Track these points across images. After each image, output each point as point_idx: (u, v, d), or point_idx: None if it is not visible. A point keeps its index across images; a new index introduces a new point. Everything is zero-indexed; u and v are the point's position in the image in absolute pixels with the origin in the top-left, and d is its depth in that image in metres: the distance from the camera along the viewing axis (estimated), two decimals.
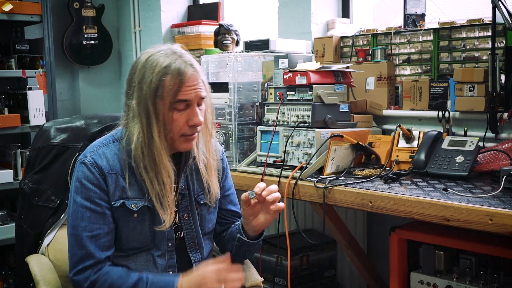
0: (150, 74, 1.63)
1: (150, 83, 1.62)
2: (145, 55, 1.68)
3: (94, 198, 1.66)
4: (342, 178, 2.23)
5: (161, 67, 1.63)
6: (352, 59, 2.93)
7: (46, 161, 2.08)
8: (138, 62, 1.68)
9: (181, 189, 1.77)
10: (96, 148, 1.71)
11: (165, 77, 1.62)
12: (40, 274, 1.88)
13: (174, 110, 1.64)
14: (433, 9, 2.82)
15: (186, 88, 1.64)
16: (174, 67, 1.63)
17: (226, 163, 1.96)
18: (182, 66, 1.64)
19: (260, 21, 3.83)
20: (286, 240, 2.30)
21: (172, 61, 1.64)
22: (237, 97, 2.64)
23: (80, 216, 1.65)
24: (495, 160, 2.22)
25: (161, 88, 1.62)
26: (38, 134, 2.15)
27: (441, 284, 2.15)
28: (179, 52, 1.68)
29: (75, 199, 1.67)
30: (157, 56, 1.66)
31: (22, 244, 2.12)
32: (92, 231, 1.64)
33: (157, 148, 1.64)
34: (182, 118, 1.66)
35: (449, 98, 2.52)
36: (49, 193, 2.06)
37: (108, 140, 1.74)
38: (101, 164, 1.67)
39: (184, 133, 1.67)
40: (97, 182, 1.66)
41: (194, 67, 1.66)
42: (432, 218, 1.84)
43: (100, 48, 4.22)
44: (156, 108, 1.63)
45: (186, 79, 1.63)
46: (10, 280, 3.55)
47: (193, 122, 1.66)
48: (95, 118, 2.15)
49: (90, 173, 1.67)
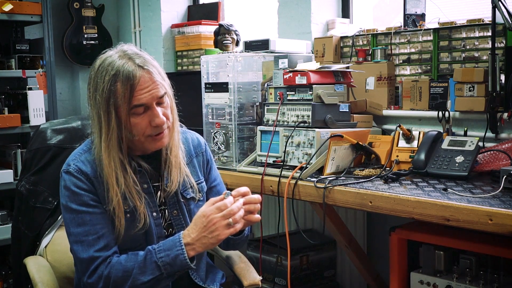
0: (101, 82, 1.61)
1: (103, 92, 1.61)
2: (98, 61, 1.66)
3: (89, 201, 1.65)
4: (342, 178, 2.23)
5: (110, 75, 1.60)
6: (352, 59, 2.93)
7: (43, 162, 2.08)
8: (92, 70, 1.67)
9: (165, 186, 1.77)
10: (78, 155, 1.71)
11: (115, 85, 1.60)
12: (38, 276, 1.87)
13: (133, 115, 1.63)
14: (433, 9, 2.82)
15: (139, 92, 1.61)
16: (123, 73, 1.60)
17: (210, 155, 1.94)
18: (131, 69, 1.60)
19: (260, 21, 3.83)
20: (286, 240, 2.29)
21: (121, 66, 1.61)
22: (237, 97, 2.64)
23: (80, 222, 1.64)
24: (495, 160, 2.22)
25: (113, 96, 1.60)
26: (34, 135, 2.14)
27: (441, 284, 2.15)
28: (130, 53, 1.65)
29: (70, 207, 1.65)
30: (108, 61, 1.63)
31: (19, 246, 2.12)
32: (97, 232, 1.64)
33: (104, 159, 1.63)
34: (144, 120, 1.64)
35: (449, 98, 2.52)
36: (46, 194, 2.05)
37: (88, 146, 1.73)
38: (85, 170, 1.67)
39: (149, 134, 1.66)
40: (87, 187, 1.66)
41: (146, 67, 1.62)
42: (432, 218, 1.84)
43: (100, 48, 4.18)
44: (109, 117, 1.61)
45: (137, 83, 1.60)
46: (10, 280, 3.55)
47: (155, 123, 1.65)
48: None
49: (78, 180, 1.66)
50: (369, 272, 2.67)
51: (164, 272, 1.59)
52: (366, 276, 2.70)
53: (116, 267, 1.61)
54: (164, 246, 1.61)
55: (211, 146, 2.70)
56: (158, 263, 1.59)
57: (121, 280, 1.60)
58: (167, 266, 1.59)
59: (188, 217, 1.80)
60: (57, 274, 1.94)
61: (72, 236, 1.66)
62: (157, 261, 1.59)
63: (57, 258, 1.98)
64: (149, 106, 1.64)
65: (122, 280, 1.60)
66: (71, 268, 1.95)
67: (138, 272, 1.59)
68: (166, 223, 1.78)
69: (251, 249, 3.03)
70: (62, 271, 1.97)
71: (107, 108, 1.61)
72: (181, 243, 1.59)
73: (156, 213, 1.74)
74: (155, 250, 1.61)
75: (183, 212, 1.79)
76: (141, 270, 1.59)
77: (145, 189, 1.72)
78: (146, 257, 1.61)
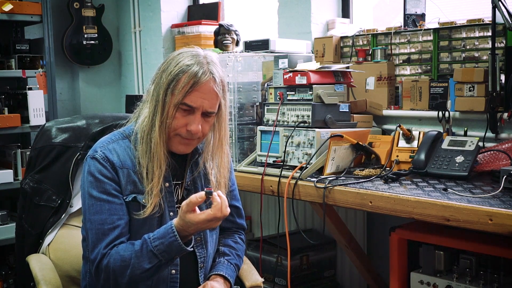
0: (173, 66, 1.66)
1: (168, 74, 1.65)
2: (181, 49, 1.71)
3: (111, 190, 1.66)
4: (342, 178, 2.23)
5: (184, 64, 1.65)
6: (352, 59, 2.93)
7: (47, 160, 2.08)
8: (173, 53, 1.72)
9: (186, 185, 1.79)
10: (106, 143, 1.72)
11: (182, 74, 1.64)
12: (40, 274, 1.88)
13: (178, 109, 1.66)
14: (433, 9, 2.81)
15: (196, 93, 1.65)
16: (194, 69, 1.64)
17: (230, 158, 1.96)
18: (202, 71, 1.64)
19: (260, 21, 3.83)
20: (286, 240, 2.30)
21: (197, 62, 1.65)
22: (237, 97, 2.64)
23: (98, 210, 1.65)
24: (495, 160, 2.22)
25: (174, 83, 1.64)
26: (39, 134, 2.15)
27: (441, 284, 2.15)
28: (209, 58, 1.69)
29: (91, 193, 1.66)
30: (190, 54, 1.68)
31: (22, 244, 2.12)
32: (113, 223, 1.65)
33: (155, 135, 1.65)
34: (183, 120, 1.67)
35: (449, 98, 2.52)
36: (50, 192, 2.06)
37: (117, 136, 1.75)
38: (112, 158, 1.68)
39: (180, 133, 1.68)
40: (111, 175, 1.67)
41: (214, 77, 1.67)
42: (432, 218, 1.84)
43: (100, 48, 4.22)
44: (165, 100, 1.65)
45: (199, 85, 1.64)
46: (10, 280, 3.55)
47: (190, 128, 1.67)
48: (96, 118, 2.16)
49: (103, 167, 1.67)
50: (369, 272, 2.67)
51: (162, 259, 1.60)
52: (366, 276, 2.70)
53: (115, 256, 1.62)
54: (158, 234, 1.61)
55: None
56: (154, 251, 1.60)
57: (120, 269, 1.61)
58: (163, 253, 1.60)
59: None
60: (59, 273, 1.94)
61: (88, 222, 1.67)
62: (153, 249, 1.60)
63: (60, 256, 1.99)
64: (195, 111, 1.66)
65: (121, 269, 1.61)
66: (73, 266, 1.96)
67: (136, 261, 1.60)
68: None
69: (251, 249, 3.03)
70: (65, 270, 1.97)
71: (166, 90, 1.65)
72: (173, 230, 1.59)
73: (173, 213, 1.75)
74: (150, 239, 1.61)
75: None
76: (138, 260, 1.60)
77: (166, 187, 1.73)
78: (142, 246, 1.61)
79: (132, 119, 1.80)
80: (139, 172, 1.68)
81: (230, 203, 1.93)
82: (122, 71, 4.49)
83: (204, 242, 1.81)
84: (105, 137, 1.77)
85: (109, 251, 1.63)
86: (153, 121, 1.66)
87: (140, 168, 1.68)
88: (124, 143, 1.73)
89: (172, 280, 1.74)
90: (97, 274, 1.64)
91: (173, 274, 1.75)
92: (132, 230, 1.70)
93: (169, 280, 1.74)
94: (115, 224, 1.65)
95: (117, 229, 1.65)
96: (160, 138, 1.66)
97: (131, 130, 1.75)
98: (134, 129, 1.73)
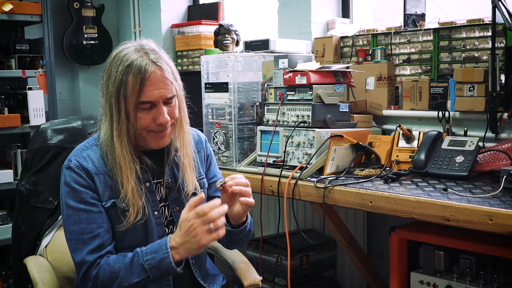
0: (114, 72, 1.62)
1: (114, 82, 1.62)
2: (115, 51, 1.67)
3: (87, 199, 1.65)
4: (342, 178, 2.23)
5: (124, 65, 1.61)
6: (352, 59, 2.93)
7: (43, 162, 2.08)
8: (108, 59, 1.68)
9: (167, 182, 1.77)
10: (80, 151, 1.71)
11: (126, 76, 1.60)
12: (38, 276, 1.87)
13: (139, 109, 1.63)
14: (433, 9, 2.81)
15: (149, 88, 1.61)
16: (136, 66, 1.60)
17: (210, 150, 1.95)
18: (145, 64, 1.61)
19: (260, 21, 3.83)
20: (286, 240, 2.29)
21: (135, 59, 1.61)
22: (237, 97, 2.64)
23: (77, 220, 1.64)
24: (495, 160, 2.22)
25: (123, 87, 1.61)
26: (35, 135, 2.15)
27: (441, 284, 2.15)
28: (147, 48, 1.65)
29: (68, 203, 1.65)
30: (124, 52, 1.64)
31: (19, 246, 2.12)
32: (93, 231, 1.63)
33: (115, 146, 1.63)
34: (148, 117, 1.65)
35: (449, 98, 2.52)
36: (47, 194, 2.06)
37: (90, 143, 1.74)
38: (86, 166, 1.67)
39: (151, 129, 1.66)
40: (87, 184, 1.66)
41: (159, 64, 1.63)
42: (432, 218, 1.84)
43: (100, 48, 4.22)
44: (119, 107, 1.62)
45: (147, 78, 1.61)
46: (10, 280, 3.55)
47: (159, 121, 1.65)
48: (92, 119, 2.15)
49: (78, 176, 1.66)
50: (369, 272, 2.67)
51: (150, 275, 1.58)
52: (366, 276, 2.69)
53: (104, 267, 1.61)
54: (151, 249, 1.60)
55: (211, 146, 2.69)
56: (144, 265, 1.58)
57: (108, 281, 1.60)
58: (153, 269, 1.58)
59: None
60: (57, 274, 1.94)
61: (67, 233, 1.67)
62: (143, 263, 1.58)
63: (57, 258, 1.98)
64: (156, 104, 1.64)
65: (109, 281, 1.59)
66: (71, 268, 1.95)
67: (124, 274, 1.59)
68: (167, 220, 1.78)
69: (251, 249, 3.03)
70: (62, 271, 1.97)
71: (117, 97, 1.62)
72: (167, 247, 1.57)
73: (158, 212, 1.74)
74: (142, 253, 1.60)
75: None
76: (127, 272, 1.59)
77: (147, 187, 1.72)
78: (133, 259, 1.60)
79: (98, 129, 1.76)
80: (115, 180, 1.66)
81: (214, 195, 1.91)
82: None
83: None
84: (79, 145, 1.75)
85: (98, 261, 1.62)
86: (112, 131, 1.64)
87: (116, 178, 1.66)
88: (99, 149, 1.71)
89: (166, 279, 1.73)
90: (83, 282, 1.63)
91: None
92: (117, 235, 1.68)
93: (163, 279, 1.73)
94: (94, 233, 1.63)
95: (97, 238, 1.63)
96: (122, 147, 1.64)
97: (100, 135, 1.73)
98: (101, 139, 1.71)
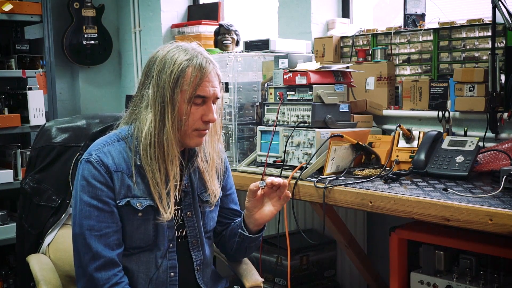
0: (171, 65, 1.65)
1: (171, 73, 1.64)
2: (165, 48, 1.70)
3: (102, 197, 1.64)
4: (342, 178, 2.23)
5: (183, 59, 1.65)
6: (352, 59, 2.93)
7: (47, 160, 2.08)
8: (157, 55, 1.70)
9: (184, 186, 1.77)
10: (101, 146, 1.70)
11: (186, 69, 1.64)
12: (40, 274, 1.88)
13: (192, 103, 1.66)
14: (433, 9, 2.82)
15: (206, 83, 1.66)
16: (196, 61, 1.65)
17: (227, 162, 1.96)
18: (204, 61, 1.66)
19: (260, 21, 3.83)
20: (286, 240, 2.30)
21: (194, 55, 1.67)
22: (237, 97, 2.64)
23: (87, 215, 1.63)
24: (495, 160, 2.22)
25: (181, 79, 1.64)
26: (39, 133, 2.15)
27: (441, 284, 2.15)
28: (199, 49, 1.71)
29: (82, 197, 1.65)
30: (178, 50, 1.68)
31: (22, 244, 2.12)
32: (101, 230, 1.63)
33: (168, 137, 1.64)
34: (198, 112, 1.67)
35: (449, 98, 2.52)
36: (50, 192, 2.06)
37: (112, 138, 1.72)
38: (107, 162, 1.66)
39: (198, 127, 1.68)
40: (104, 180, 1.65)
41: (214, 64, 1.70)
42: (432, 218, 1.84)
43: (100, 48, 4.22)
44: (174, 98, 1.64)
45: (207, 75, 1.66)
46: (10, 280, 3.55)
47: (207, 118, 1.68)
48: (96, 118, 2.15)
49: (97, 171, 1.65)
50: (369, 272, 2.67)
51: None
52: (366, 276, 2.70)
53: None
54: None
55: None
56: None
57: None
58: None
59: (201, 220, 1.80)
60: (59, 272, 1.94)
61: (77, 226, 1.66)
62: None
63: (59, 256, 1.98)
64: (207, 100, 1.68)
65: None
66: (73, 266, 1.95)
67: None
68: (178, 223, 1.77)
69: None
70: (65, 270, 1.97)
71: (173, 88, 1.64)
72: None
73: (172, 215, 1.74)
74: None
75: (197, 214, 1.80)
76: None
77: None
78: None
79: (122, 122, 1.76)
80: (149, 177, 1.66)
81: (228, 206, 1.94)
82: (122, 71, 4.49)
83: (200, 244, 1.81)
84: (100, 139, 1.74)
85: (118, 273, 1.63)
86: (163, 122, 1.64)
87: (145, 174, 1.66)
88: (120, 146, 1.70)
89: (172, 283, 1.74)
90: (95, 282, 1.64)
91: (172, 277, 1.74)
92: (127, 233, 1.68)
93: (168, 283, 1.74)
94: (102, 232, 1.63)
95: (104, 237, 1.63)
96: (175, 138, 1.66)
97: (127, 132, 1.72)
98: (131, 133, 1.70)
